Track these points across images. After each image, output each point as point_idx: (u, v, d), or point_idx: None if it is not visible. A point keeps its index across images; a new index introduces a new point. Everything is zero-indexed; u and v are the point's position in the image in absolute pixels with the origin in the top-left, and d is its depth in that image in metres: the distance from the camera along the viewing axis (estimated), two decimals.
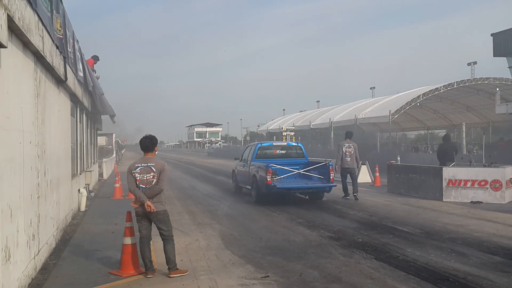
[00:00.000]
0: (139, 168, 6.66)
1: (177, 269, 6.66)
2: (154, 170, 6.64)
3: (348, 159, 14.85)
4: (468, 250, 7.87)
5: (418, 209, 12.42)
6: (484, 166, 14.53)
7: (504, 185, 13.18)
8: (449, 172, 13.88)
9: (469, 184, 13.55)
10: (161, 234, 6.77)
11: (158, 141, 7.84)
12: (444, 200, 13.65)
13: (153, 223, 6.77)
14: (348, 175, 15.02)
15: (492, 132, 40.53)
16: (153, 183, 6.61)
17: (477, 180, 13.45)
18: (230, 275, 6.57)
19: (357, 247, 8.16)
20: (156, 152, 7.00)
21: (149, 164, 6.67)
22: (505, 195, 13.22)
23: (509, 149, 19.91)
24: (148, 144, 6.83)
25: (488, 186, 13.32)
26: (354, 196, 14.51)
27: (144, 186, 6.61)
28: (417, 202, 13.65)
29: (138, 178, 6.62)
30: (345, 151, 14.88)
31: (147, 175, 6.62)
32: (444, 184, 13.80)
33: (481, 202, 13.12)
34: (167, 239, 6.73)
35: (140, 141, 6.88)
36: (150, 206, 6.51)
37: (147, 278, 6.50)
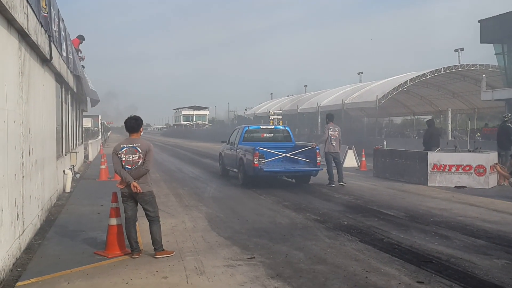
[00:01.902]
0: (124, 149, 6.61)
1: (163, 250, 6.66)
2: (140, 150, 6.59)
3: (334, 143, 14.16)
4: (451, 233, 7.98)
5: (403, 193, 12.55)
6: (469, 151, 14.70)
7: (488, 170, 13.35)
8: (434, 157, 14.01)
9: (453, 169, 13.70)
10: (147, 215, 6.75)
11: (145, 124, 7.79)
12: (429, 184, 13.81)
13: (139, 204, 6.75)
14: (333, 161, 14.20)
15: (477, 118, 40.96)
16: (139, 163, 6.57)
17: (461, 165, 13.60)
18: (216, 256, 6.59)
19: (342, 230, 8.23)
20: (141, 133, 6.94)
21: (134, 145, 6.62)
22: (489, 180, 13.39)
23: (493, 135, 20.18)
24: (134, 124, 6.75)
25: (472, 171, 13.48)
26: (341, 184, 13.86)
27: (130, 167, 6.56)
28: (402, 186, 13.79)
29: (123, 159, 6.57)
30: (331, 135, 14.17)
31: (133, 155, 6.57)
32: (429, 168, 13.94)
33: (465, 187, 13.29)
34: (153, 220, 6.71)
35: (125, 122, 6.80)
36: (136, 187, 6.48)
37: (132, 258, 6.50)
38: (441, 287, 5.34)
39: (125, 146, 6.63)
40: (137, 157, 6.58)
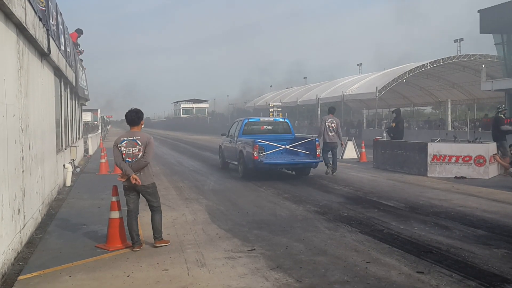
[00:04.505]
0: (124, 142, 6.64)
1: (163, 239, 6.85)
2: (140, 143, 6.63)
3: (331, 134, 14.74)
4: (451, 223, 8.00)
5: (403, 184, 12.57)
6: (469, 142, 14.71)
7: (488, 160, 13.36)
8: (434, 148, 14.02)
9: (453, 159, 13.70)
10: (150, 206, 6.87)
11: (145, 117, 7.81)
12: (428, 175, 13.82)
13: (141, 197, 6.82)
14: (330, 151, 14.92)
15: (477, 109, 40.92)
16: (139, 156, 6.61)
17: (461, 156, 13.60)
18: (216, 248, 6.61)
19: (342, 221, 8.25)
20: (142, 126, 6.96)
21: (134, 138, 6.65)
22: (489, 171, 13.40)
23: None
24: (134, 117, 6.77)
25: (472, 161, 13.48)
26: (333, 174, 14.52)
27: (130, 160, 6.61)
28: (402, 177, 13.81)
29: (124, 152, 6.61)
30: (328, 126, 14.78)
31: (133, 148, 6.61)
32: (429, 159, 13.95)
33: (465, 177, 13.30)
34: (156, 210, 6.86)
35: (126, 115, 6.81)
36: (136, 179, 6.53)
37: (133, 251, 6.52)
38: (441, 277, 5.36)
39: (126, 139, 6.67)
40: (137, 150, 6.61)
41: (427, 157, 13.99)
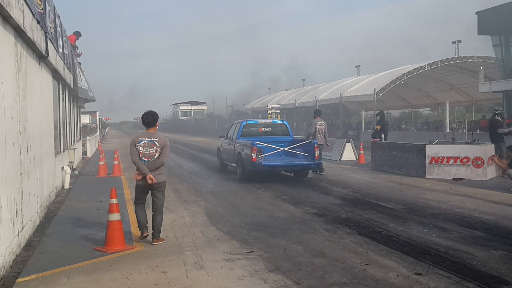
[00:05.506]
0: (142, 142, 6.96)
1: (160, 237, 7.08)
2: (157, 145, 6.95)
3: (320, 136, 15.43)
4: (449, 225, 8.01)
5: (401, 186, 12.58)
6: (467, 143, 14.72)
7: (486, 162, 13.37)
8: (432, 150, 14.04)
9: (451, 161, 13.72)
10: (155, 204, 7.10)
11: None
12: (427, 177, 13.83)
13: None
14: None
15: (475, 111, 40.98)
16: (155, 157, 6.93)
17: (459, 157, 13.62)
18: (215, 251, 6.61)
19: (340, 223, 8.26)
20: (157, 127, 7.25)
21: (152, 139, 6.99)
22: (487, 172, 13.42)
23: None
24: (150, 119, 7.11)
25: (470, 163, 13.50)
26: (319, 172, 15.12)
27: (146, 160, 6.92)
28: (400, 179, 13.82)
29: (141, 151, 6.93)
30: (318, 128, 15.47)
31: (150, 149, 6.94)
32: (427, 161, 13.96)
33: (463, 179, 13.32)
34: (159, 210, 7.11)
35: (142, 117, 7.14)
36: (152, 179, 6.84)
37: (131, 254, 6.51)
38: (439, 279, 5.37)
39: (143, 139, 6.99)
40: (154, 151, 6.95)
41: (425, 158, 14.01)
